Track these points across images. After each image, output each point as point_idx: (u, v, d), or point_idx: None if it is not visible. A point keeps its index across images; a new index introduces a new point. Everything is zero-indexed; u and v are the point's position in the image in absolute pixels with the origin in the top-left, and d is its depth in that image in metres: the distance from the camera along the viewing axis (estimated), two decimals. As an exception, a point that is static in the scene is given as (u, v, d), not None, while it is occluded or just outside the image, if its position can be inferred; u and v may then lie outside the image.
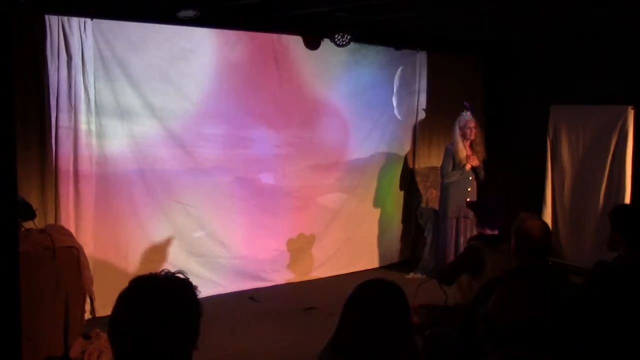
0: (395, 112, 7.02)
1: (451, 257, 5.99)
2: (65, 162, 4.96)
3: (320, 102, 6.43)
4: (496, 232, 4.09)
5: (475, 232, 4.74)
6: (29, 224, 4.40)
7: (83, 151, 5.03)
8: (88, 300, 4.44)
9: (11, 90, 2.53)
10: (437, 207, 6.59)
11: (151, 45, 5.33)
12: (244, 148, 5.96)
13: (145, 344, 1.49)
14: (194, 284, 1.62)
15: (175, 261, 5.53)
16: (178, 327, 1.52)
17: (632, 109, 6.24)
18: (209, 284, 5.62)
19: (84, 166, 5.05)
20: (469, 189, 6.17)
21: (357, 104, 6.67)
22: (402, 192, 7.20)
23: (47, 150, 4.88)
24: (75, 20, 4.88)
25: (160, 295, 1.54)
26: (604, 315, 2.74)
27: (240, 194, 5.98)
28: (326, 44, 6.13)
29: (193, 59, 5.56)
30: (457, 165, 6.15)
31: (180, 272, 1.61)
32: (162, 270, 1.61)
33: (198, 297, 1.60)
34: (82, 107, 4.99)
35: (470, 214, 5.73)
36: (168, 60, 5.43)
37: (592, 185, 6.53)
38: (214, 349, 4.38)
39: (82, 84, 4.97)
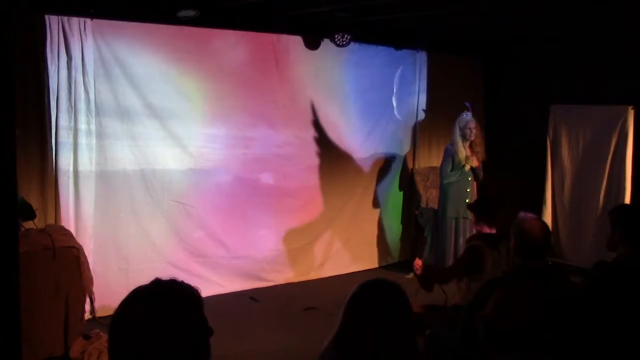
0: (395, 112, 7.02)
1: (451, 257, 5.99)
2: (65, 162, 4.96)
3: (320, 102, 6.43)
4: (494, 231, 4.09)
5: (474, 232, 4.73)
6: (29, 224, 4.40)
7: (83, 151, 5.03)
8: (88, 300, 4.44)
9: (11, 91, 2.52)
10: (437, 207, 6.58)
11: (151, 46, 5.33)
12: (244, 148, 5.96)
13: (144, 354, 1.47)
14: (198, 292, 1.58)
15: (175, 261, 5.53)
16: (180, 342, 1.50)
17: (632, 109, 6.24)
18: (209, 284, 5.62)
19: (84, 166, 5.05)
20: (468, 190, 6.16)
21: (357, 104, 6.67)
22: (402, 192, 7.21)
23: (47, 150, 4.88)
24: (75, 21, 4.88)
25: (161, 306, 1.51)
26: (605, 315, 2.74)
27: (241, 194, 5.98)
28: (326, 44, 6.13)
29: (193, 59, 5.56)
30: (457, 165, 6.13)
31: (196, 287, 1.58)
32: (170, 278, 1.57)
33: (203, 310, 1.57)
34: (82, 107, 4.99)
35: (470, 214, 5.73)
36: (168, 60, 5.43)
37: (592, 185, 6.53)
38: (214, 349, 4.36)
39: (82, 84, 4.97)
